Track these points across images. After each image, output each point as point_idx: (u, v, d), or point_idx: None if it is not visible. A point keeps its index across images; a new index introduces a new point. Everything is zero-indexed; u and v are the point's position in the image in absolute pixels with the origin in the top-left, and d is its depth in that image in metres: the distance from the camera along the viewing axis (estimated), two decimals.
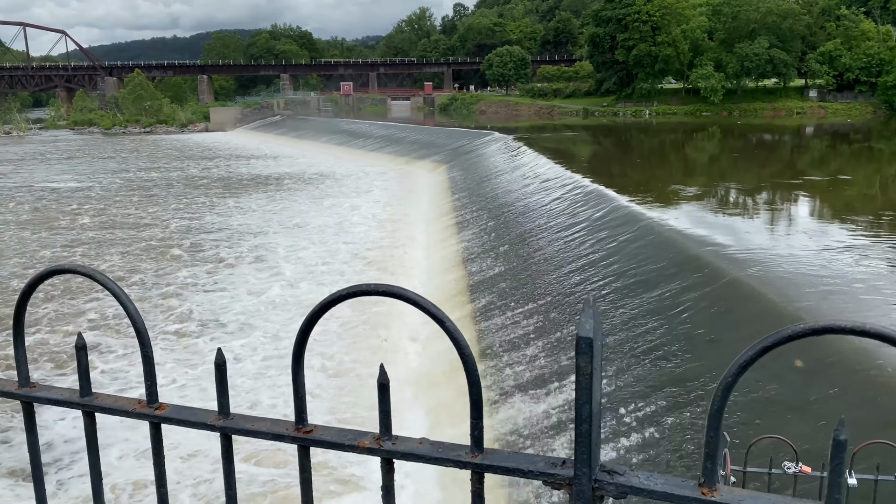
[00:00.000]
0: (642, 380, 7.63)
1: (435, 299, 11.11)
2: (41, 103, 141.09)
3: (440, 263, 16.96)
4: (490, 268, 14.49)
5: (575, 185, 18.04)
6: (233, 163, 46.30)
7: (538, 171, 22.66)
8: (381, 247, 20.20)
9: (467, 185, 26.50)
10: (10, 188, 35.17)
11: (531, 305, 11.29)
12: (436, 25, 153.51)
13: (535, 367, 9.20)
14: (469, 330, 11.58)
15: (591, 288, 10.67)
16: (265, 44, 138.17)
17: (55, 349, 12.78)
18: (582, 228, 13.97)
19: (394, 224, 23.63)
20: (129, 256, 20.07)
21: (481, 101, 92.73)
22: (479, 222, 19.19)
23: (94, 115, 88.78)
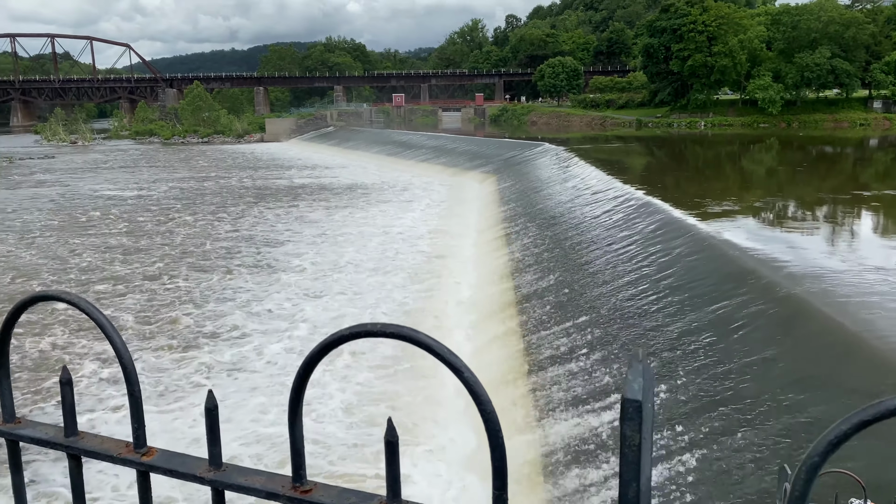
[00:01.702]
0: (696, 398, 7.40)
1: (483, 311, 11.11)
2: (106, 114, 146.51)
3: (488, 275, 16.87)
4: (539, 280, 14.33)
5: (627, 196, 17.75)
6: (287, 172, 47.11)
7: (589, 183, 22.40)
8: (428, 257, 20.21)
9: (517, 196, 26.37)
10: (70, 195, 36.48)
11: (581, 319, 11.11)
12: (488, 37, 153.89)
13: (582, 384, 9.03)
14: (516, 343, 11.46)
15: (643, 303, 10.44)
16: (320, 56, 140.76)
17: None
18: (634, 241, 13.72)
19: (442, 235, 23.65)
20: (174, 262, 20.56)
21: (532, 111, 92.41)
22: (529, 234, 19.04)
23: (154, 126, 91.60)
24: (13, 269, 20.09)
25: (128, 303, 16.52)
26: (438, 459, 8.79)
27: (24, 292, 17.43)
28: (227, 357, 12.88)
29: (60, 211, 31.17)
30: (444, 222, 26.07)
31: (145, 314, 15.60)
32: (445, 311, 14.81)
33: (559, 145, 36.79)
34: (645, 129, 68.36)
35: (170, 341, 13.86)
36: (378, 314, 14.91)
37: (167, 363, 12.71)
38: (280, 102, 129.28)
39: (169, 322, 15.00)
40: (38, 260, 21.33)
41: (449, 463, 8.66)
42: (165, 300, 16.63)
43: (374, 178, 41.98)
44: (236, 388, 11.48)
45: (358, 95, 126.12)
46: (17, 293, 17.38)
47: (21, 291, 17.57)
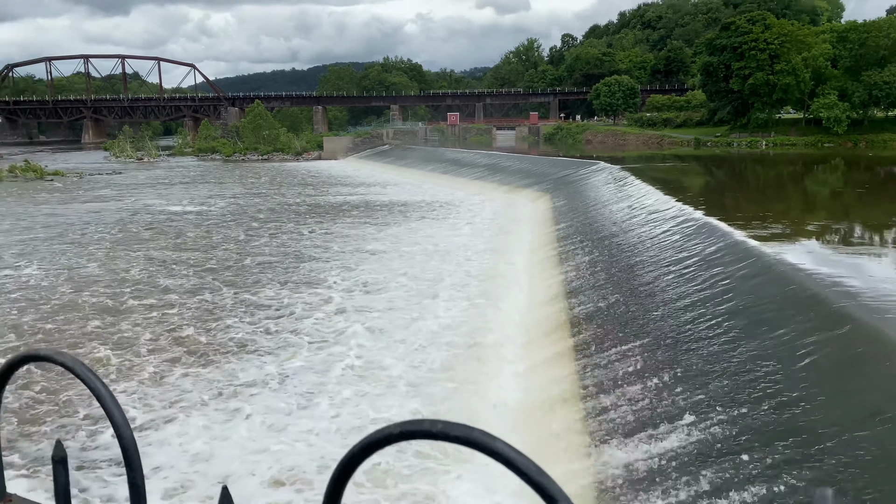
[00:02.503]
0: (759, 429, 7.09)
1: (535, 332, 10.90)
2: (171, 131, 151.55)
3: (541, 295, 16.67)
4: (593, 301, 14.08)
5: (685, 217, 17.34)
6: (341, 189, 47.79)
7: (646, 203, 22.00)
8: (480, 276, 20.11)
9: (571, 215, 26.09)
10: (130, 210, 37.72)
11: (637, 342, 10.84)
12: (543, 56, 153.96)
13: (638, 409, 8.76)
14: (569, 366, 11.25)
15: (701, 327, 10.12)
16: (377, 76, 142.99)
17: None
18: (693, 263, 13.35)
19: (494, 253, 23.53)
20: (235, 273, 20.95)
21: (587, 130, 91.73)
22: (583, 253, 18.77)
23: (216, 143, 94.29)
24: (70, 280, 20.80)
25: (175, 314, 16.88)
26: None
27: (75, 305, 18.03)
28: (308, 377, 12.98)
29: (119, 224, 32.24)
30: (496, 240, 25.96)
31: (191, 326, 15.91)
32: (496, 331, 14.67)
33: (614, 164, 36.32)
34: (703, 149, 67.06)
35: (219, 354, 14.08)
36: (424, 334, 14.86)
37: (218, 374, 12.89)
38: (338, 121, 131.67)
39: (211, 332, 15.26)
40: (96, 271, 22.04)
41: None
42: (204, 314, 16.94)
43: (427, 195, 42.21)
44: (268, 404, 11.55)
45: (413, 114, 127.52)
46: (70, 305, 17.98)
47: (74, 304, 18.16)
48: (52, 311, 17.32)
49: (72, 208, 39.20)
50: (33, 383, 12.31)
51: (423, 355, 13.45)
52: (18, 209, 38.95)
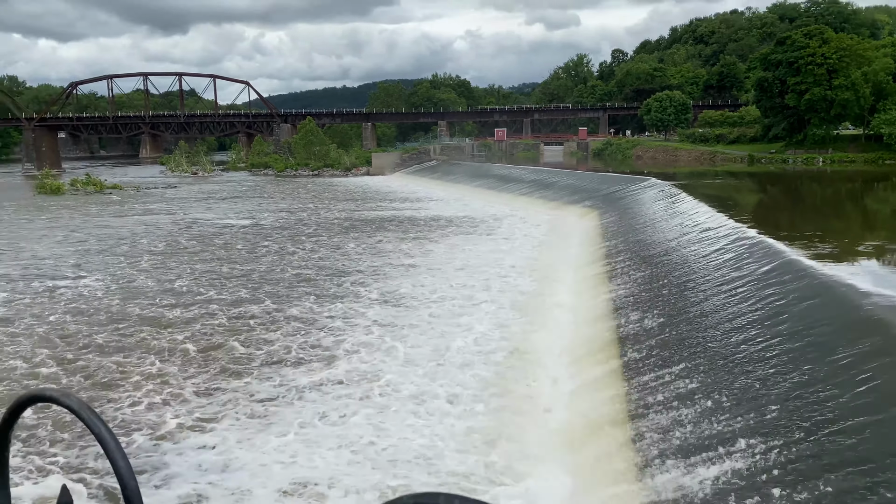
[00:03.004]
0: (815, 457, 6.82)
1: (582, 351, 10.77)
2: (225, 147, 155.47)
3: (588, 313, 16.44)
4: (642, 320, 13.81)
5: (739, 235, 16.93)
6: (388, 204, 48.18)
7: (698, 220, 21.57)
8: (525, 293, 19.96)
9: (620, 232, 25.75)
10: (182, 222, 38.69)
11: (687, 364, 10.58)
12: (593, 71, 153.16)
13: (688, 432, 8.53)
14: (617, 387, 11.04)
15: (755, 349, 9.82)
16: (426, 92, 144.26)
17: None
18: (746, 283, 13.00)
19: (541, 270, 23.35)
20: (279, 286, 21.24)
21: (638, 146, 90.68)
22: (632, 271, 18.47)
23: (269, 159, 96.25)
24: (120, 290, 21.38)
25: (211, 327, 17.17)
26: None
27: (123, 314, 18.50)
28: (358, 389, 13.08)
29: (170, 237, 33.14)
30: (541, 257, 25.77)
31: (226, 337, 16.15)
32: (541, 349, 14.51)
33: (665, 180, 35.76)
34: (758, 165, 65.56)
35: (259, 366, 14.25)
36: (467, 351, 14.78)
37: (269, 387, 13.03)
38: (386, 137, 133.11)
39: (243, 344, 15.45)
40: (146, 282, 22.64)
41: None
42: (242, 326, 17.17)
43: (473, 211, 42.22)
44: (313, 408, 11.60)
45: (461, 130, 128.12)
46: (118, 315, 18.46)
47: (123, 313, 18.64)
48: (102, 321, 17.87)
49: (127, 221, 40.44)
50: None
51: (466, 373, 13.38)
52: (77, 221, 40.36)
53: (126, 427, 11.42)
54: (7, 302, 20.23)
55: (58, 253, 28.96)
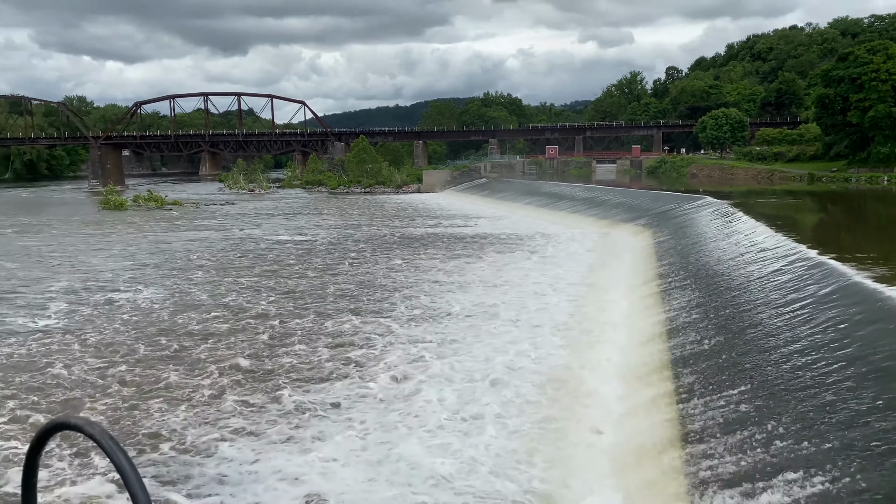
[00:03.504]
0: (876, 490, 6.50)
1: (633, 373, 10.57)
2: (281, 165, 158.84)
3: (640, 334, 16.12)
4: (696, 342, 13.47)
5: (799, 256, 16.40)
6: (438, 221, 48.36)
7: (755, 240, 21.00)
8: (577, 312, 19.71)
9: (674, 252, 25.25)
10: (236, 238, 39.54)
11: (743, 388, 10.25)
12: (647, 89, 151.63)
13: (742, 459, 8.24)
14: (669, 410, 10.76)
15: (815, 374, 9.46)
16: (477, 110, 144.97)
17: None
18: (805, 305, 12.56)
19: (591, 289, 23.04)
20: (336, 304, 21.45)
21: (692, 164, 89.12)
22: (686, 292, 18.07)
23: (322, 176, 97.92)
24: (174, 304, 21.92)
25: (253, 339, 17.41)
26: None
27: (173, 326, 18.93)
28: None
29: (223, 252, 33.96)
30: (593, 276, 25.44)
31: (267, 350, 16.34)
32: (592, 370, 14.27)
33: (721, 199, 34.97)
34: (818, 184, 63.67)
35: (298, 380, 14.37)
36: (515, 370, 14.63)
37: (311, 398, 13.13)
38: (437, 155, 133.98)
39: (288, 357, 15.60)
40: (197, 296, 23.21)
41: None
42: (283, 340, 17.36)
43: (522, 228, 42.03)
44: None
45: (512, 148, 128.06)
46: (168, 327, 18.90)
47: (173, 325, 19.08)
48: (152, 333, 18.41)
49: (185, 236, 41.59)
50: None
51: (513, 391, 13.24)
52: (137, 236, 41.69)
53: (157, 437, 11.65)
54: (69, 313, 20.97)
55: (118, 266, 29.93)
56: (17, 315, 20.91)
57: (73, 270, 29.11)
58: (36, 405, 13.26)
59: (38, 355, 16.58)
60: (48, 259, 32.47)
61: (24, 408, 13.12)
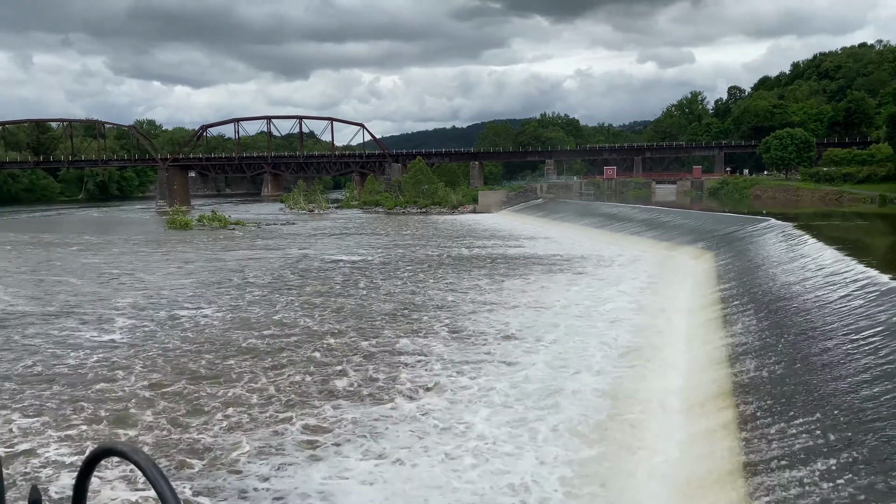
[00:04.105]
0: None
1: (694, 400, 10.23)
2: (339, 185, 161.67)
3: (702, 359, 15.64)
4: (760, 369, 12.98)
5: (870, 281, 15.69)
6: (492, 241, 48.22)
7: (822, 263, 20.21)
8: (635, 336, 19.28)
9: (736, 275, 24.52)
10: (291, 257, 40.22)
11: (810, 417, 9.79)
12: (708, 109, 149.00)
13: (809, 493, 7.84)
14: (731, 439, 10.35)
15: (887, 405, 8.97)
16: (533, 131, 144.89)
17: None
18: (878, 332, 11.97)
19: (650, 312, 22.53)
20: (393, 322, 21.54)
21: (756, 185, 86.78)
22: (750, 317, 17.47)
23: (380, 197, 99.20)
24: (233, 321, 22.36)
25: (298, 357, 17.55)
26: None
27: (227, 342, 19.27)
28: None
29: (280, 270, 34.66)
30: (652, 299, 24.89)
31: (324, 366, 16.43)
32: (650, 396, 13.89)
33: (786, 221, 33.86)
34: (890, 206, 61.09)
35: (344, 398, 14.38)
36: (570, 395, 14.35)
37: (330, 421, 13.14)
38: (493, 175, 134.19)
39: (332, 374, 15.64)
40: (250, 313, 23.63)
41: None
42: (330, 358, 17.43)
43: (580, 249, 41.53)
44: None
45: (569, 168, 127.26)
46: (222, 343, 19.25)
47: (227, 341, 19.42)
48: (211, 349, 18.82)
49: (245, 254, 42.60)
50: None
51: (568, 415, 12.98)
52: (201, 255, 42.89)
53: (199, 450, 11.81)
54: (133, 328, 21.65)
55: (181, 283, 30.84)
56: (86, 329, 21.71)
57: (139, 287, 30.11)
58: (95, 417, 13.67)
59: (101, 368, 17.14)
60: (116, 276, 33.70)
61: (83, 419, 13.53)
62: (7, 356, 18.67)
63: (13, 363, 17.87)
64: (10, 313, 24.50)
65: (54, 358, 18.28)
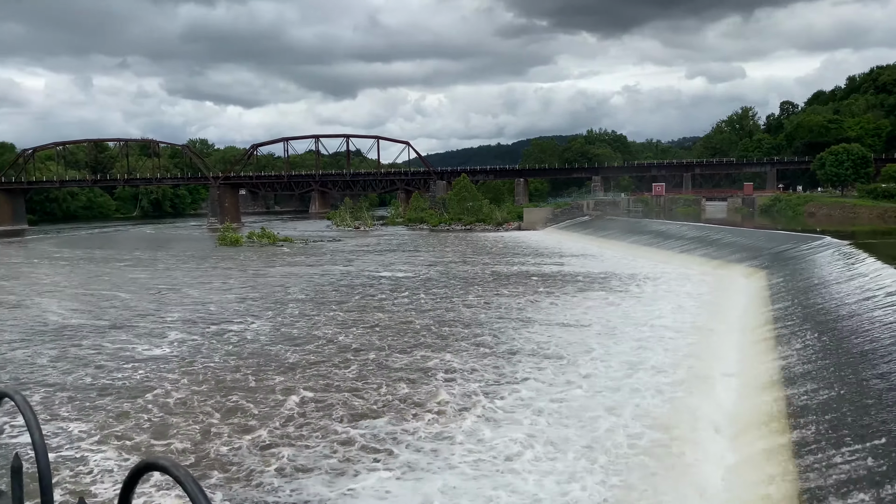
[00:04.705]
0: None
1: (745, 423, 9.85)
2: (385, 203, 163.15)
3: (753, 382, 15.12)
4: (816, 392, 12.47)
5: None
6: (536, 259, 47.81)
7: (882, 283, 19.42)
8: (683, 356, 18.79)
9: (790, 295, 23.76)
10: (333, 274, 40.54)
11: (869, 443, 9.34)
12: (759, 125, 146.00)
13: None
14: (786, 465, 9.93)
15: None
16: (580, 148, 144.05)
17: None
18: None
19: (700, 332, 21.97)
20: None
21: (810, 202, 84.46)
22: (804, 338, 16.87)
23: (424, 214, 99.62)
24: (278, 336, 22.58)
25: (333, 373, 17.54)
26: None
27: (269, 356, 19.41)
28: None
29: (323, 286, 34.98)
30: (702, 319, 24.29)
31: (352, 383, 16.39)
32: (700, 418, 13.47)
33: (843, 239, 32.77)
34: None
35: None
36: (615, 417, 14.02)
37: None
38: (539, 192, 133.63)
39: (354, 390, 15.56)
40: (300, 327, 23.89)
41: None
42: (363, 373, 17.37)
43: (627, 267, 40.87)
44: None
45: (616, 185, 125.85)
46: (265, 357, 19.41)
47: (269, 355, 19.58)
48: (258, 364, 19.05)
49: (292, 271, 43.16)
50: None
51: (615, 437, 12.68)
52: (249, 271, 43.61)
53: (230, 466, 11.86)
54: (182, 342, 22.07)
55: (232, 298, 31.42)
56: (138, 343, 22.21)
57: (189, 302, 30.77)
58: (141, 428, 13.90)
59: (150, 380, 17.48)
60: (167, 291, 34.51)
61: (131, 430, 13.77)
62: (62, 366, 19.23)
63: (67, 374, 18.39)
64: (98, 327, 25.25)
65: (107, 370, 18.74)
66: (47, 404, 15.48)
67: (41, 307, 30.18)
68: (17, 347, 21.97)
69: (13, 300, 32.50)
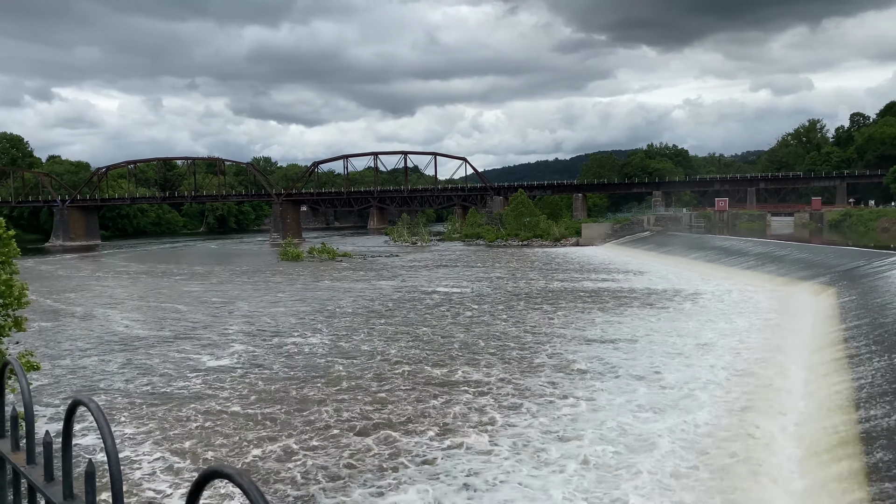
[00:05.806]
0: None
1: (814, 447, 9.44)
2: (442, 218, 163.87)
3: (822, 404, 14.51)
4: (888, 414, 11.88)
5: None
6: (597, 275, 47.12)
7: None
8: (750, 377, 18.19)
9: (862, 313, 22.76)
10: (385, 288, 40.79)
11: None
12: (828, 137, 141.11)
13: None
14: (860, 491, 9.47)
15: None
16: (640, 162, 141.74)
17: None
18: None
19: (767, 352, 21.23)
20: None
21: (883, 217, 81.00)
22: (877, 358, 16.11)
23: (481, 230, 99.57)
24: (333, 349, 22.84)
25: (394, 384, 17.53)
26: None
27: (317, 368, 19.59)
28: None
29: (379, 300, 35.31)
30: (769, 338, 23.48)
31: (407, 393, 16.35)
32: (766, 441, 12.98)
33: None
34: None
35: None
36: (679, 439, 13.64)
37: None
38: (597, 208, 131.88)
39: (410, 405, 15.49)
40: (354, 340, 24.07)
41: None
42: (412, 389, 17.30)
43: (691, 284, 39.90)
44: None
45: (677, 200, 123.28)
46: (313, 369, 19.60)
47: (317, 367, 19.76)
48: (310, 377, 19.34)
49: (350, 286, 43.69)
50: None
51: (681, 459, 12.33)
52: (309, 285, 44.35)
53: (284, 475, 11.96)
54: (243, 353, 22.57)
55: (292, 311, 32.03)
56: (200, 353, 22.83)
57: (251, 314, 31.49)
58: (203, 437, 14.23)
59: (212, 389, 17.92)
60: (231, 303, 35.37)
61: (194, 437, 14.11)
62: (127, 374, 19.92)
63: (131, 382, 19.03)
64: (164, 337, 26.16)
65: (170, 378, 19.31)
66: (117, 409, 16.03)
67: (114, 321, 31.34)
68: (90, 355, 22.88)
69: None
